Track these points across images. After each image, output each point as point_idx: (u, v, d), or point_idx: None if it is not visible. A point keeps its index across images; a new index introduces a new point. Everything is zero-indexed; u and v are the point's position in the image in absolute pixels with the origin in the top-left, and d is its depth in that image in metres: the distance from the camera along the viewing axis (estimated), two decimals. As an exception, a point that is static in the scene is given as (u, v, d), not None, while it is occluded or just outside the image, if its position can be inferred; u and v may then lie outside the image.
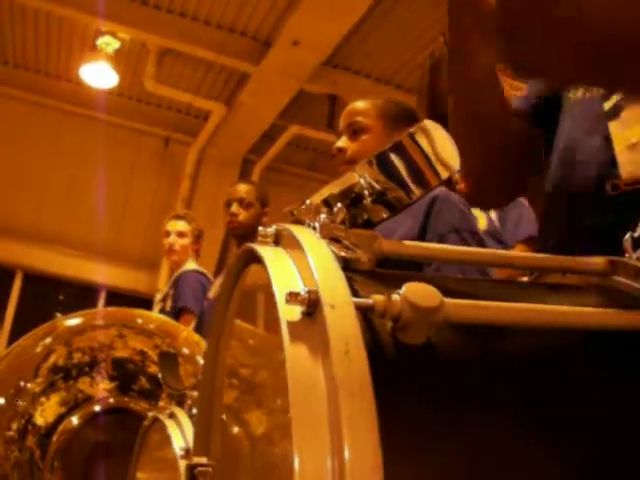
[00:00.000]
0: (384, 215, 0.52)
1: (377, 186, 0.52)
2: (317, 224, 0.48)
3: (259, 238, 0.48)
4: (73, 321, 1.77)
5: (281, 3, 5.88)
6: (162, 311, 4.17)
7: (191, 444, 1.15)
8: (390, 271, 0.51)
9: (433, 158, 0.51)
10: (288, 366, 0.37)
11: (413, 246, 0.53)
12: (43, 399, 1.63)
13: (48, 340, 1.69)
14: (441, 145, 0.51)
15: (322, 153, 7.77)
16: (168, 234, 4.24)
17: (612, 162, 0.90)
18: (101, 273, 7.32)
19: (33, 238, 7.59)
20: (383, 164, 0.52)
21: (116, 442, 1.65)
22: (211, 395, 0.58)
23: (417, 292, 0.40)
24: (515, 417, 0.42)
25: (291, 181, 8.13)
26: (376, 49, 6.39)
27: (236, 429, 0.56)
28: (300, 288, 0.40)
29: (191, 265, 4.19)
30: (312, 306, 0.39)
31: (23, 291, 7.77)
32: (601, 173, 0.92)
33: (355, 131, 2.05)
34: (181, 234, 4.22)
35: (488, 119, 1.02)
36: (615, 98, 0.93)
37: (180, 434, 1.17)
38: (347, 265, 0.46)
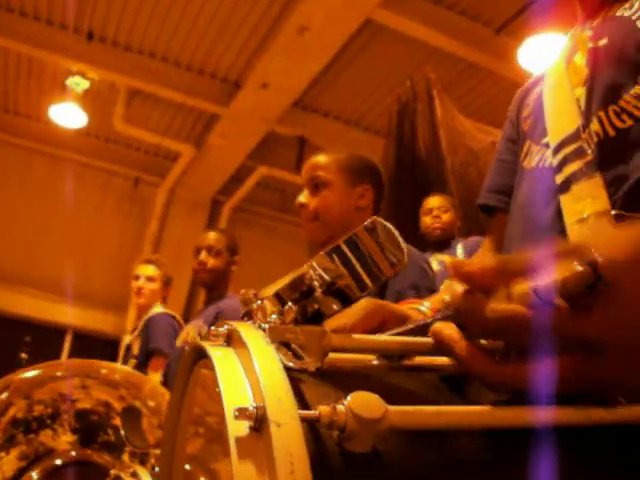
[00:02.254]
0: (335, 307, 0.53)
1: (326, 277, 0.53)
2: (267, 325, 0.49)
3: (211, 337, 0.49)
4: (31, 373, 1.74)
5: (251, 46, 5.95)
6: (128, 354, 4.13)
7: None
8: (338, 366, 0.52)
9: (387, 250, 0.53)
10: (236, 483, 0.38)
11: (361, 340, 0.54)
12: (2, 454, 1.59)
13: (4, 395, 1.65)
14: (393, 238, 0.53)
15: (291, 194, 7.81)
16: (137, 278, 4.25)
17: (563, 234, 0.92)
18: (68, 314, 7.24)
19: (-2, 279, 7.51)
20: (338, 256, 0.53)
21: (78, 496, 1.63)
22: (172, 456, 0.58)
23: (361, 403, 0.41)
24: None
25: (260, 222, 8.17)
26: (345, 91, 6.49)
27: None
28: (249, 403, 0.41)
29: (159, 308, 4.17)
30: (259, 422, 0.40)
31: (-13, 333, 7.66)
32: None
33: (316, 185, 2.06)
34: (150, 279, 4.22)
35: None
36: (567, 171, 0.95)
37: (142, 494, 1.17)
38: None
